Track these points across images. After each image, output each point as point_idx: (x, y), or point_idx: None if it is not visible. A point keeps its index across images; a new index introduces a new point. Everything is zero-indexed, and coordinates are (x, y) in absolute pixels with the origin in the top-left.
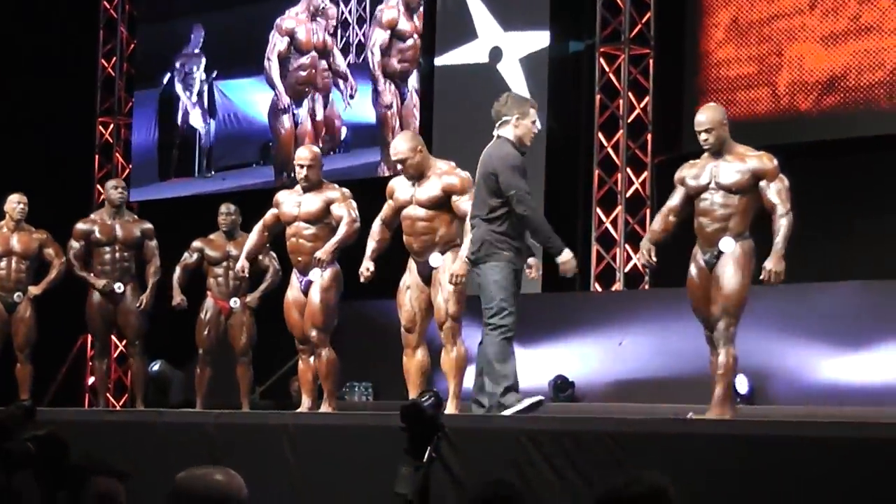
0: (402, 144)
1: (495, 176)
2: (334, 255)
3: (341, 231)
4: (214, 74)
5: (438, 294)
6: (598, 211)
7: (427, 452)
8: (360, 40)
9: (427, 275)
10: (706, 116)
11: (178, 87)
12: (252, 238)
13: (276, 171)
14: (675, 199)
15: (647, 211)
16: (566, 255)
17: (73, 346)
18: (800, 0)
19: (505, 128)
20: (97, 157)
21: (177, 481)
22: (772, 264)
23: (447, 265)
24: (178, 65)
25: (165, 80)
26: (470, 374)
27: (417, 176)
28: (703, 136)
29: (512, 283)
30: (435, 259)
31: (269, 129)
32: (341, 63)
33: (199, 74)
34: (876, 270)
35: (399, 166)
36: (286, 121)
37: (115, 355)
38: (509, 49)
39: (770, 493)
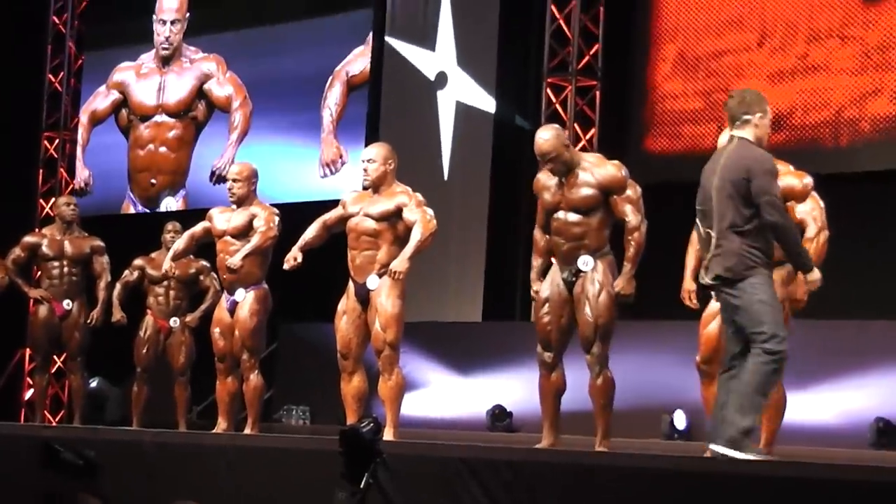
0: (378, 149)
1: (748, 181)
2: (260, 271)
3: (254, 239)
4: None
5: (376, 320)
6: None
7: (364, 478)
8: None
9: (364, 298)
10: None
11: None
12: (180, 243)
13: None
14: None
15: None
16: (816, 274)
17: (10, 360)
18: (748, 37)
19: (745, 128)
20: (41, 171)
21: None
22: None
23: (384, 289)
24: None
25: None
26: (407, 401)
27: (375, 186)
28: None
29: (777, 302)
30: (372, 281)
31: None
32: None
33: None
34: (819, 309)
35: (364, 169)
36: None
37: (53, 370)
38: (454, 86)
39: None
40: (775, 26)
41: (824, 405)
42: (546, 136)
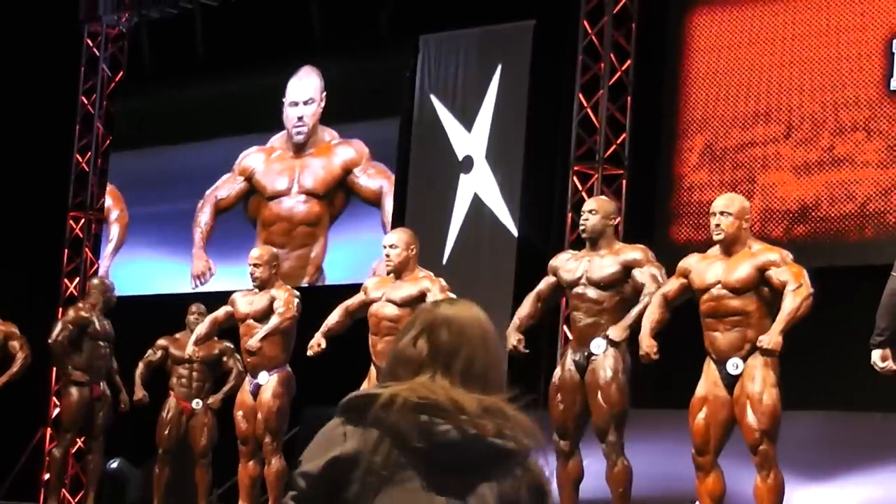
0: (400, 235)
1: None
2: (284, 353)
3: (273, 320)
4: None
5: None
6: (565, 328)
7: None
8: None
9: None
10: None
11: None
12: (202, 327)
13: None
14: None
15: None
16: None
17: (31, 438)
18: (775, 129)
19: None
20: (66, 251)
21: None
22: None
23: None
24: None
25: None
26: None
27: (397, 272)
28: None
29: None
30: None
31: None
32: None
33: None
34: (839, 399)
35: (386, 255)
36: None
37: (74, 450)
38: (477, 176)
39: None
40: (802, 119)
41: (842, 499)
42: (599, 199)
